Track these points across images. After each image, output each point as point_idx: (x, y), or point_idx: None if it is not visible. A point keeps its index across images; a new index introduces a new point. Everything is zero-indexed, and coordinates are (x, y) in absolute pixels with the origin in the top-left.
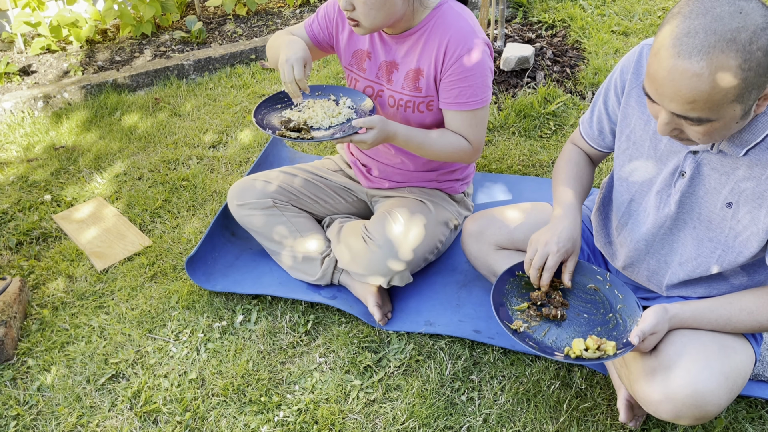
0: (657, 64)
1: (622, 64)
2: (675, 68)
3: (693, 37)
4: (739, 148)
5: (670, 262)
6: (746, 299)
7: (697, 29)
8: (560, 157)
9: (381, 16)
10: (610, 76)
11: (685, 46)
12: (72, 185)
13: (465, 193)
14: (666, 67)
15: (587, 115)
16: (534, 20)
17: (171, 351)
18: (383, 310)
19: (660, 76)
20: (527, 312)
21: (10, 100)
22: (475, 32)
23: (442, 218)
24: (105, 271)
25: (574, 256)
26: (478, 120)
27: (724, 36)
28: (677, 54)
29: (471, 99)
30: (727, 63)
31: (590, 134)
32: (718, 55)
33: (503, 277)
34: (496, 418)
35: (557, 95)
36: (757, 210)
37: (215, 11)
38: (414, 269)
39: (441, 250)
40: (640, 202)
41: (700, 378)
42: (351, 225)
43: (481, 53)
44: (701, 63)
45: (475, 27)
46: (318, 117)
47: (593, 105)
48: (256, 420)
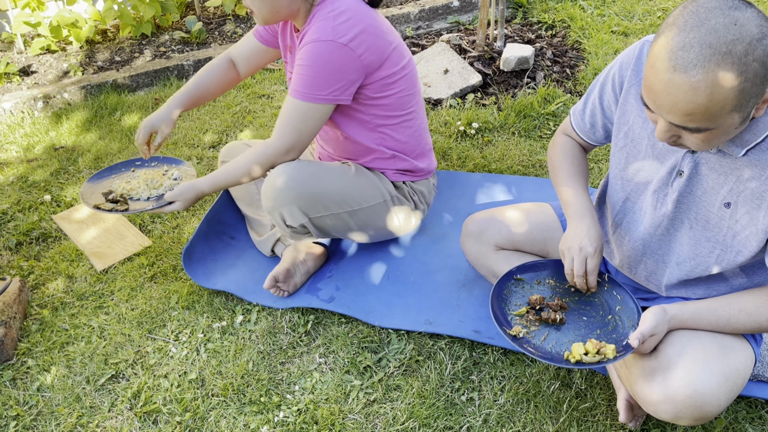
0: (653, 77)
1: (621, 59)
2: (671, 82)
3: (688, 51)
4: (739, 148)
5: (668, 261)
6: (745, 300)
7: (692, 43)
8: (553, 147)
9: (266, 8)
10: (607, 69)
11: (681, 60)
12: (72, 185)
13: (412, 188)
14: (662, 80)
15: (579, 107)
16: (534, 20)
17: (171, 351)
18: (279, 284)
19: (657, 88)
20: (526, 317)
21: (10, 101)
22: (335, 32)
23: (359, 183)
24: (105, 271)
25: (600, 253)
26: (297, 114)
27: (719, 49)
28: (673, 68)
29: (296, 88)
30: (723, 76)
31: (581, 127)
32: (714, 68)
33: (502, 281)
34: (496, 418)
35: (557, 95)
36: (756, 210)
37: (215, 11)
38: (317, 217)
39: (354, 220)
40: (635, 200)
41: (699, 378)
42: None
43: (326, 51)
44: (698, 77)
45: (339, 28)
46: (140, 188)
47: (587, 97)
48: (256, 420)
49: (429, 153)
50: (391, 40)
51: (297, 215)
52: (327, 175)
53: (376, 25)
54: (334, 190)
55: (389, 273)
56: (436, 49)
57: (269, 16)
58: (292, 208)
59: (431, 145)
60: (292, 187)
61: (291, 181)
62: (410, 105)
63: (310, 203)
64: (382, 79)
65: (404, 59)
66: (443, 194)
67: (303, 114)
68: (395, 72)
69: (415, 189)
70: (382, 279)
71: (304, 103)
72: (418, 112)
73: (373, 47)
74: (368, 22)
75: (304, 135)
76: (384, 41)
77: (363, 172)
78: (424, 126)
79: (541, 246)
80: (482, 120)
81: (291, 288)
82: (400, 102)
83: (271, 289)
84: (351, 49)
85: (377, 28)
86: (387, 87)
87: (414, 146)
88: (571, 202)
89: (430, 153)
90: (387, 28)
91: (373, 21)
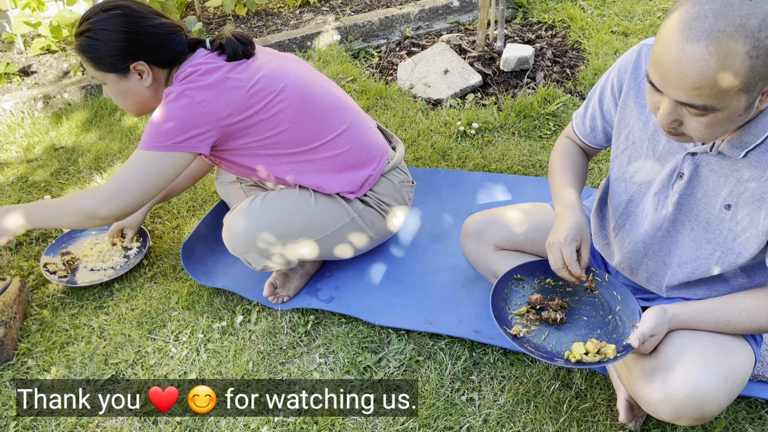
0: (664, 49)
1: (619, 63)
2: (683, 52)
3: (702, 21)
4: (739, 149)
5: (669, 263)
6: (746, 300)
7: (706, 13)
8: (554, 150)
9: (127, 106)
10: (606, 74)
11: (694, 30)
12: (72, 186)
13: (377, 197)
14: (673, 51)
15: (581, 111)
16: (534, 21)
17: (171, 351)
18: (277, 291)
19: (666, 60)
20: (527, 316)
21: (10, 101)
22: (184, 82)
23: (320, 211)
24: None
25: (585, 243)
26: (134, 164)
27: (733, 21)
28: (685, 38)
29: (145, 137)
30: (735, 49)
31: (582, 131)
32: (727, 40)
33: (502, 281)
34: (496, 418)
35: (557, 96)
36: (757, 212)
37: (215, 12)
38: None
39: (325, 245)
40: (638, 203)
41: (699, 378)
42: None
43: (170, 100)
44: (710, 47)
45: (191, 78)
46: (92, 258)
47: (587, 102)
48: (256, 420)
49: (373, 158)
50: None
51: (258, 260)
52: (285, 212)
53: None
54: (294, 225)
55: (389, 273)
56: (436, 49)
57: (137, 110)
58: (252, 254)
59: (378, 146)
60: (249, 233)
61: (247, 228)
62: (314, 133)
63: (271, 245)
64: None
65: (266, 99)
66: (443, 194)
67: (139, 164)
68: (255, 114)
69: (377, 192)
70: (382, 279)
71: (142, 153)
72: (336, 131)
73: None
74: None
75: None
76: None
77: (322, 197)
78: (358, 137)
79: (541, 246)
80: (482, 120)
81: (291, 292)
82: (297, 135)
83: (270, 297)
84: (185, 96)
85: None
86: (251, 129)
87: (353, 161)
88: (560, 200)
89: (377, 156)
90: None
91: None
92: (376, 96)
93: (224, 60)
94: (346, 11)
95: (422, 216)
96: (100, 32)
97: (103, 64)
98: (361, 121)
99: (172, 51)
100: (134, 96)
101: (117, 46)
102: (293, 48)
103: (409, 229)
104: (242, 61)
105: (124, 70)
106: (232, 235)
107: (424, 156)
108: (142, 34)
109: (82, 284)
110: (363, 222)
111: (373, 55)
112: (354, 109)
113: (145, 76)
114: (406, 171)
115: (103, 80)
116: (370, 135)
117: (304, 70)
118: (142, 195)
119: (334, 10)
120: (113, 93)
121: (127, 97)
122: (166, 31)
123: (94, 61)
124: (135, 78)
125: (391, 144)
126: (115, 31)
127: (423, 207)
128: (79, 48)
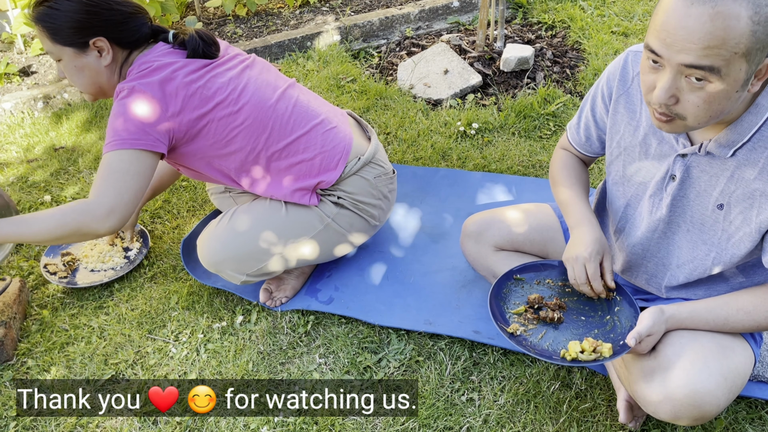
0: (666, 15)
1: (608, 71)
2: (688, 14)
3: None
4: (727, 148)
5: (668, 265)
6: (744, 299)
7: None
8: (553, 163)
9: (83, 84)
10: (596, 83)
11: None
12: (72, 186)
13: (352, 199)
14: (679, 15)
15: (574, 122)
16: (534, 21)
17: (171, 351)
18: (273, 295)
19: (671, 25)
20: (524, 315)
21: (10, 101)
22: (135, 78)
23: (291, 219)
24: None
25: (607, 256)
26: (106, 168)
27: None
28: (690, 3)
29: (106, 140)
30: (738, 12)
31: (577, 141)
32: (730, 4)
33: (501, 280)
34: (496, 418)
35: (557, 96)
36: (749, 210)
37: (215, 12)
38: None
39: (302, 252)
40: (635, 206)
41: (698, 378)
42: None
43: (122, 97)
44: (716, 8)
45: (142, 73)
46: (92, 259)
47: (580, 112)
48: (256, 421)
49: (329, 165)
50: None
51: (234, 276)
52: (255, 227)
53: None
54: (265, 240)
55: (389, 273)
56: (436, 50)
57: (93, 90)
58: (227, 271)
59: (338, 148)
60: (218, 255)
61: (215, 251)
62: (267, 140)
63: (242, 262)
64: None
65: (214, 101)
66: (443, 194)
67: (112, 168)
68: (205, 114)
69: (351, 192)
70: (382, 279)
71: (111, 153)
72: (296, 134)
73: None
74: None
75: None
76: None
77: (293, 206)
78: (317, 142)
79: (541, 246)
80: (482, 120)
81: (289, 292)
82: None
83: (267, 302)
84: (142, 92)
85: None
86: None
87: (306, 168)
88: (570, 212)
89: (336, 161)
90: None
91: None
92: (376, 96)
93: (183, 57)
94: (346, 11)
95: (422, 216)
96: (61, 2)
97: (61, 35)
98: (321, 125)
99: (135, 31)
100: (90, 74)
101: (77, 18)
102: (293, 48)
103: (409, 230)
104: (201, 61)
105: (82, 45)
106: (202, 259)
107: (424, 156)
108: (106, 9)
109: (83, 285)
110: (339, 226)
111: (373, 56)
112: (316, 113)
113: (105, 54)
114: (382, 163)
115: (58, 55)
116: (331, 136)
117: (266, 77)
118: (135, 201)
119: (334, 10)
120: (68, 70)
121: (83, 75)
122: (130, 11)
123: (51, 32)
124: (93, 54)
125: (367, 134)
126: (77, 2)
127: (423, 207)
128: (36, 17)
